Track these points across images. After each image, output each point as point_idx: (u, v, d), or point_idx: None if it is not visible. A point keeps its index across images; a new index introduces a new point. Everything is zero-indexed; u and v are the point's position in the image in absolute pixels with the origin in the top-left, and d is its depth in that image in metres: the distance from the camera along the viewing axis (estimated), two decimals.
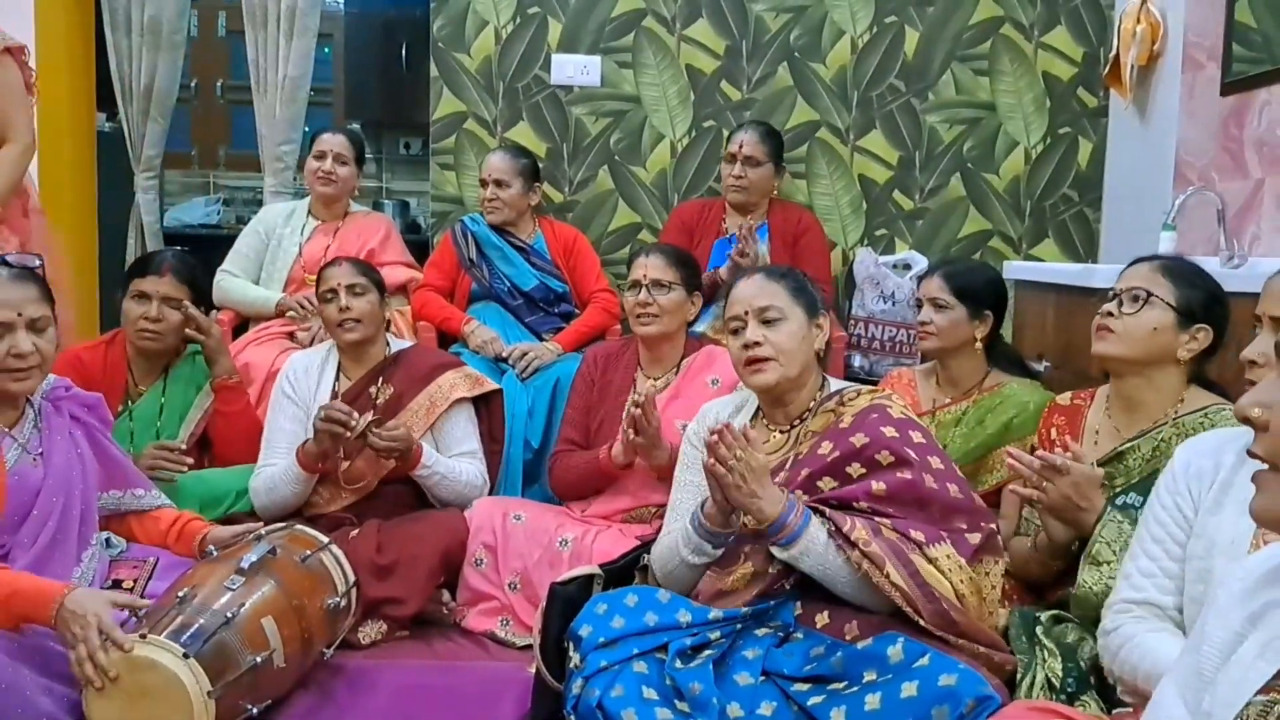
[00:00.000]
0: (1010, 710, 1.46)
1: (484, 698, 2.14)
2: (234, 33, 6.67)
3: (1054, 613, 1.82)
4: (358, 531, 2.44)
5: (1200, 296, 1.91)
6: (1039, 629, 1.75)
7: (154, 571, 2.09)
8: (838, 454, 1.82)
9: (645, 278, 2.59)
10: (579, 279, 3.40)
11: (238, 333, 3.29)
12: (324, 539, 2.14)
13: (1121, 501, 1.92)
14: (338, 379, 2.67)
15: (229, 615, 1.80)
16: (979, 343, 2.45)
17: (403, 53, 5.81)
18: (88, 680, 1.67)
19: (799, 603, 1.79)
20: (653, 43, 3.77)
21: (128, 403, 2.63)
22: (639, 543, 2.16)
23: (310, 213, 3.47)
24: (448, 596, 2.53)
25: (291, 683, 1.98)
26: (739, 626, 1.77)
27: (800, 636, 1.75)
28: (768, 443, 1.96)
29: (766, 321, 1.93)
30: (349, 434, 2.41)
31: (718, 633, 1.75)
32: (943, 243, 3.82)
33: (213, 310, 2.85)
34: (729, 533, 1.85)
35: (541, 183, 3.49)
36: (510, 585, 2.45)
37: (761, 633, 1.77)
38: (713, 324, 3.23)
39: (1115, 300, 1.96)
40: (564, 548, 2.43)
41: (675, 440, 2.28)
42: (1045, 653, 1.69)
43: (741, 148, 3.41)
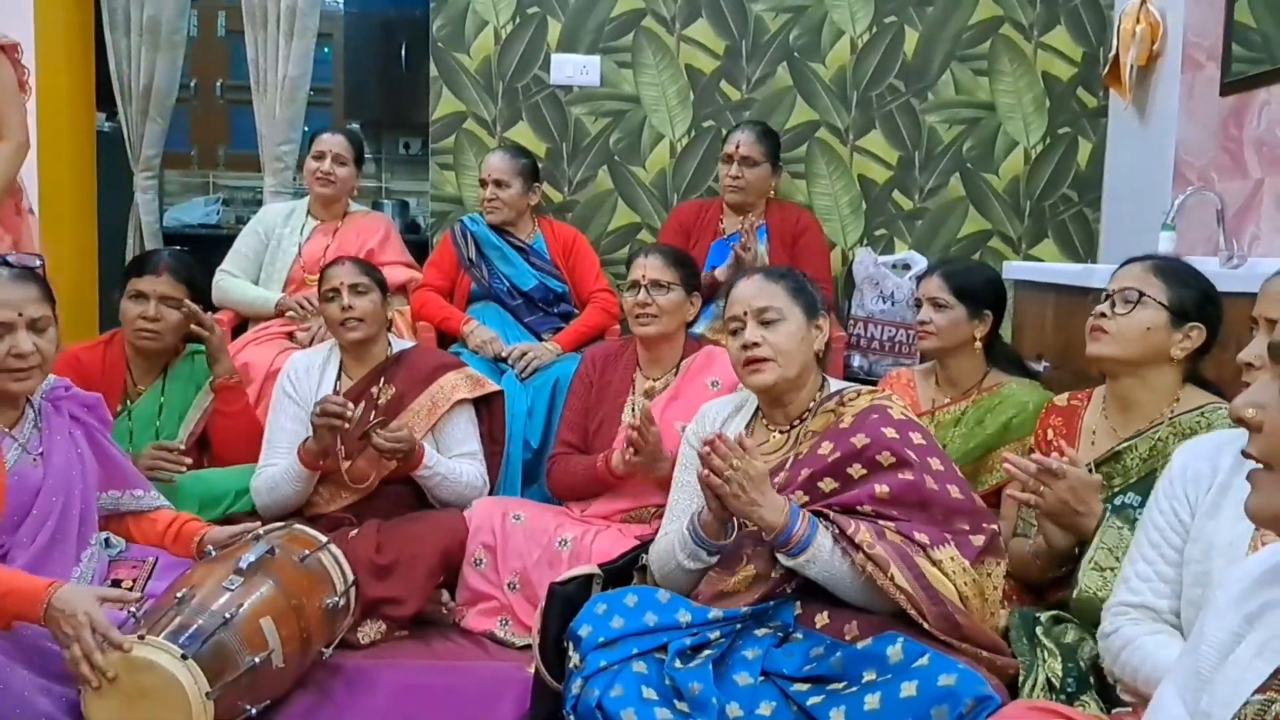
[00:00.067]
0: (1010, 710, 1.46)
1: (483, 698, 2.14)
2: (233, 33, 6.69)
3: (1054, 613, 1.82)
4: (357, 531, 2.44)
5: (1192, 295, 1.91)
6: (1039, 629, 1.75)
7: (153, 571, 2.10)
8: (838, 454, 1.81)
9: (644, 278, 2.58)
10: (578, 279, 3.40)
11: (237, 333, 3.28)
12: (323, 539, 2.14)
13: (1120, 502, 1.93)
14: (339, 378, 2.67)
15: (227, 616, 1.80)
16: (978, 342, 2.45)
17: (402, 53, 5.81)
18: (85, 680, 1.67)
19: (799, 603, 1.79)
20: (652, 43, 3.77)
21: (126, 403, 2.63)
22: (638, 542, 2.15)
23: (309, 213, 3.46)
24: (447, 596, 2.53)
25: (290, 683, 1.98)
26: (738, 627, 1.76)
27: (800, 637, 1.74)
28: (767, 443, 1.96)
29: (765, 322, 1.92)
30: (347, 426, 2.41)
31: (717, 633, 1.75)
32: (942, 243, 3.82)
33: (211, 310, 2.85)
34: (725, 543, 1.84)
35: (541, 183, 3.49)
36: (509, 585, 2.45)
37: (761, 633, 1.76)
38: (711, 324, 3.23)
39: (1108, 301, 1.97)
40: (563, 548, 2.43)
41: (675, 445, 2.27)
42: (1045, 653, 1.69)
43: (738, 148, 3.40)
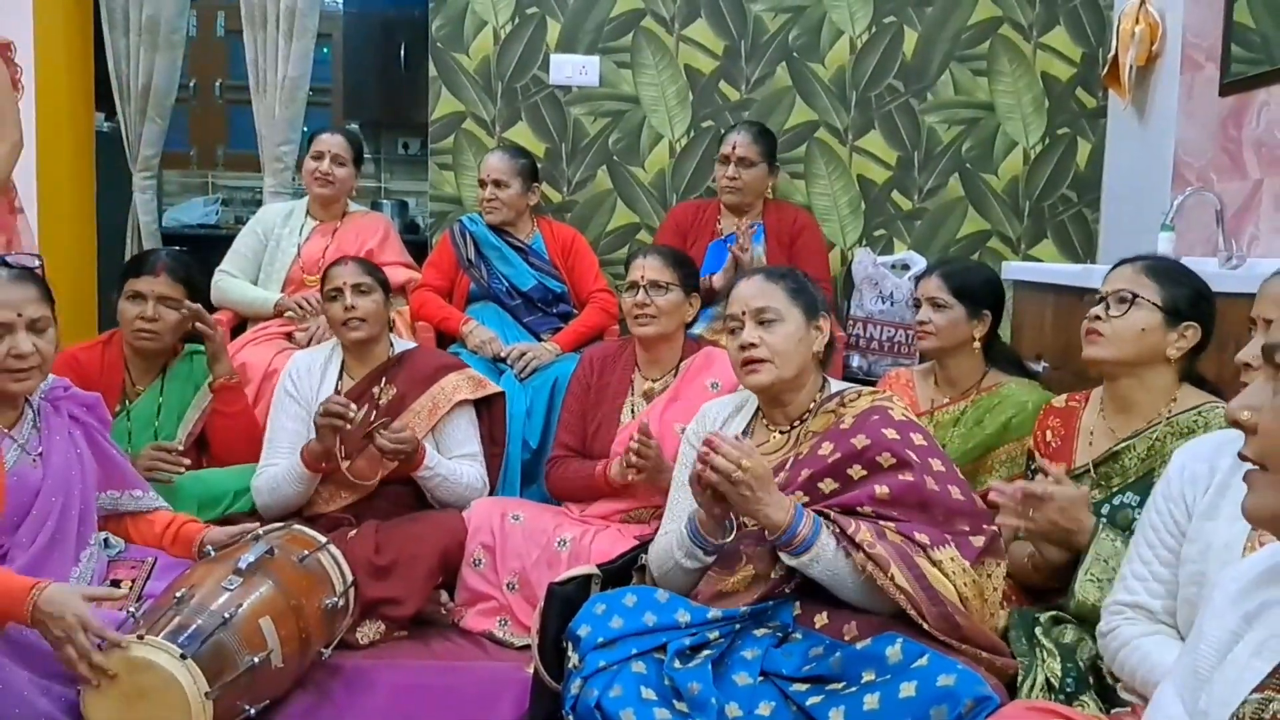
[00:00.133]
0: (1009, 710, 1.46)
1: (482, 698, 2.14)
2: (233, 33, 6.67)
3: (1053, 613, 1.82)
4: (356, 532, 2.44)
5: (1186, 294, 1.92)
6: (1038, 629, 1.75)
7: (152, 571, 2.10)
8: (838, 455, 1.81)
9: (643, 279, 2.58)
10: (577, 279, 3.40)
11: (236, 333, 3.28)
12: (322, 539, 2.14)
13: (1118, 501, 1.93)
14: (341, 378, 2.67)
15: (226, 616, 1.80)
16: (977, 342, 2.45)
17: (401, 53, 5.80)
18: (85, 680, 1.67)
19: (798, 603, 1.79)
20: (651, 43, 3.77)
21: (125, 403, 2.63)
22: (637, 543, 2.15)
23: (308, 213, 3.45)
24: (446, 597, 2.53)
25: (289, 683, 1.98)
26: (737, 627, 1.76)
27: (799, 637, 1.74)
28: (767, 443, 1.96)
29: (763, 322, 1.92)
30: (349, 426, 2.41)
31: (716, 633, 1.75)
32: (941, 243, 3.82)
33: (210, 311, 2.84)
34: (723, 542, 1.84)
35: (540, 183, 3.49)
36: (508, 585, 2.45)
37: (760, 633, 1.76)
38: (711, 325, 3.23)
39: (1102, 304, 1.97)
40: (562, 548, 2.43)
41: (674, 447, 2.27)
42: (1044, 653, 1.69)
43: (735, 149, 3.40)
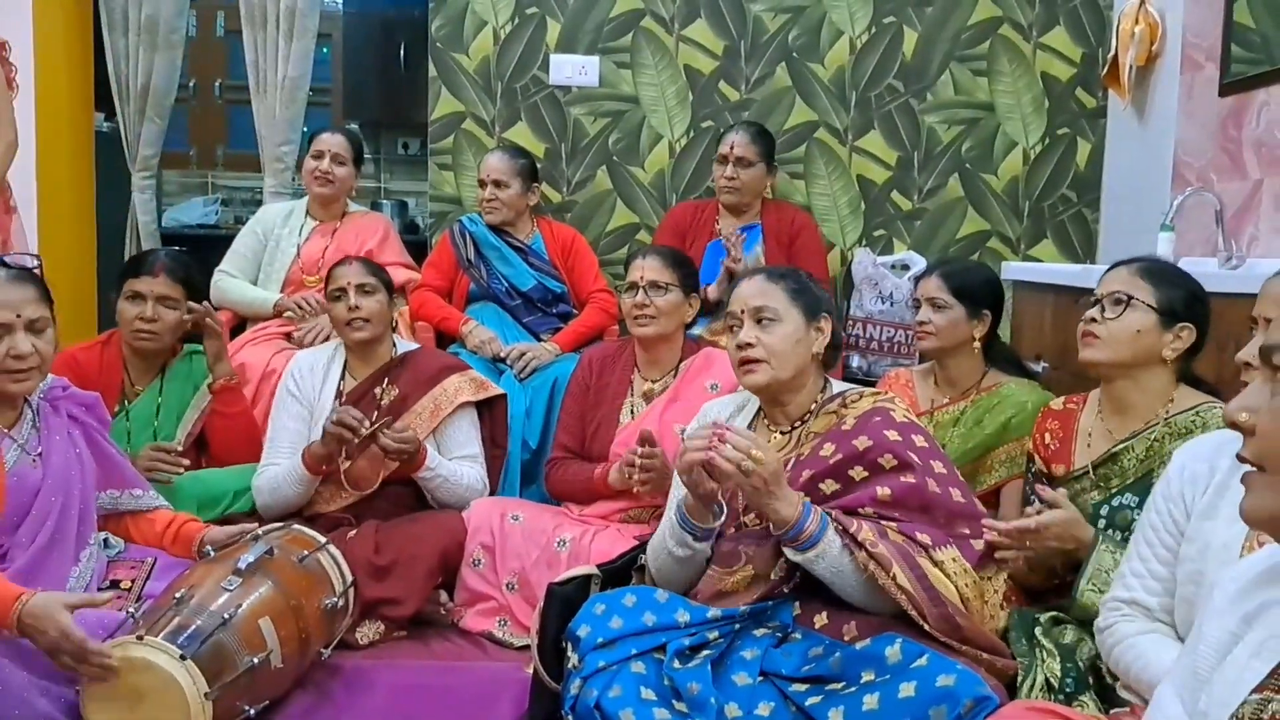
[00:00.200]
0: (1008, 710, 1.46)
1: (481, 698, 2.14)
2: (232, 33, 6.67)
3: (1053, 614, 1.82)
4: (355, 532, 2.45)
5: (1180, 295, 1.92)
6: (1038, 630, 1.75)
7: (152, 572, 2.10)
8: (840, 456, 1.81)
9: (642, 279, 2.58)
10: (577, 279, 3.40)
11: (235, 333, 3.28)
12: (321, 539, 2.14)
13: (1117, 503, 1.93)
14: (343, 378, 2.67)
15: (226, 616, 1.80)
16: (977, 342, 2.45)
17: (401, 53, 5.79)
18: (91, 676, 1.67)
19: (797, 603, 1.79)
20: (651, 43, 3.77)
21: (124, 403, 2.62)
22: (637, 543, 2.14)
23: (308, 213, 3.45)
24: (445, 597, 2.53)
25: (289, 683, 1.98)
26: (737, 627, 1.76)
27: (799, 637, 1.74)
28: (769, 444, 1.96)
29: (761, 322, 1.92)
30: (356, 439, 2.41)
31: (716, 633, 1.75)
32: (941, 243, 3.82)
33: None
34: (712, 527, 1.85)
35: (540, 183, 3.49)
36: (508, 585, 2.45)
37: (760, 633, 1.76)
38: (710, 325, 3.23)
39: (1097, 306, 1.98)
40: (562, 548, 2.43)
41: (674, 448, 2.26)
42: (1044, 653, 1.69)
43: (733, 149, 3.39)
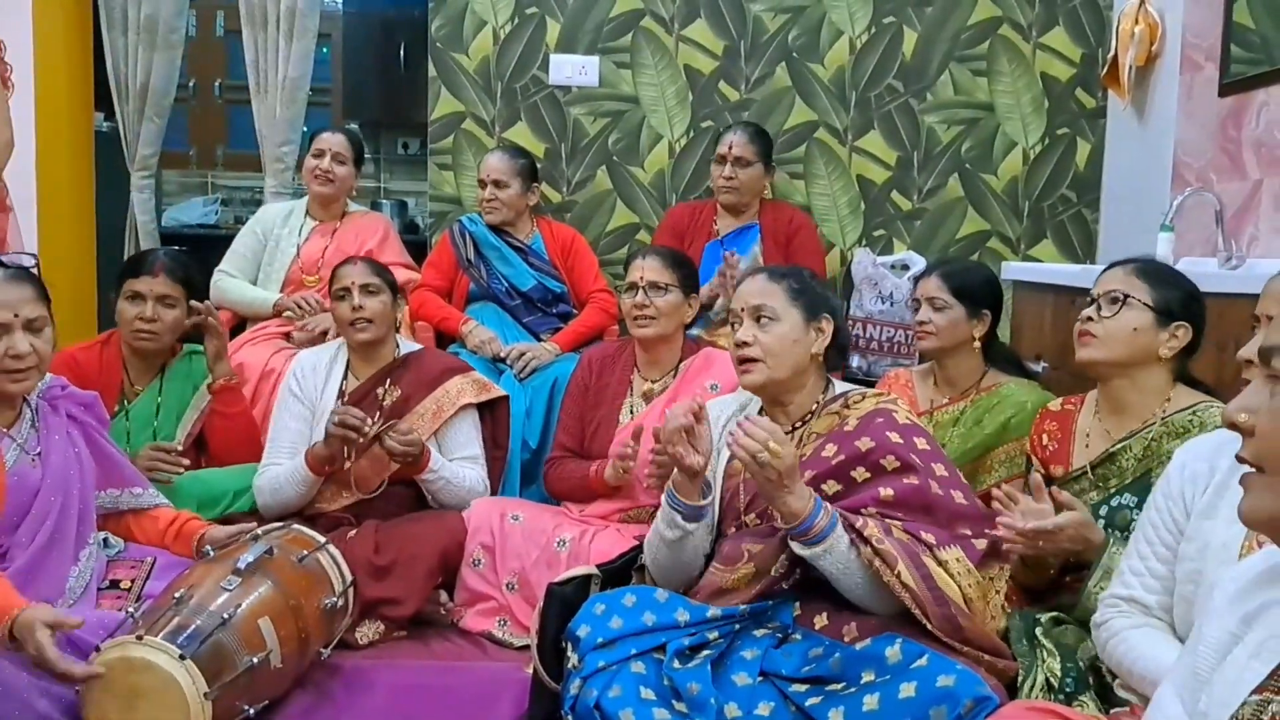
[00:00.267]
0: (1008, 710, 1.46)
1: (481, 698, 2.14)
2: (232, 32, 6.67)
3: (1054, 614, 1.82)
4: (355, 532, 2.45)
5: (1176, 295, 1.93)
6: (1038, 630, 1.75)
7: (151, 571, 2.10)
8: (842, 457, 1.81)
9: (642, 280, 2.58)
10: (577, 279, 3.40)
11: (234, 333, 3.28)
12: (321, 539, 2.14)
13: (1116, 503, 1.93)
14: (345, 378, 2.67)
15: (225, 616, 1.80)
16: (977, 342, 2.45)
17: (401, 53, 5.80)
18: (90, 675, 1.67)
19: (798, 604, 1.79)
20: (651, 43, 3.77)
21: (124, 403, 2.62)
22: (636, 543, 2.14)
23: (308, 213, 3.45)
24: (445, 597, 2.53)
25: (288, 683, 1.98)
26: (737, 627, 1.76)
27: (799, 638, 1.74)
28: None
29: (759, 320, 1.92)
30: (360, 439, 2.41)
31: (716, 633, 1.75)
32: (941, 243, 3.82)
33: None
34: (699, 505, 1.86)
35: (540, 183, 3.49)
36: (508, 585, 2.45)
37: (760, 633, 1.76)
38: (709, 325, 3.23)
39: (1094, 305, 1.98)
40: (561, 548, 2.42)
41: None
42: (1044, 653, 1.69)
43: (731, 148, 3.39)
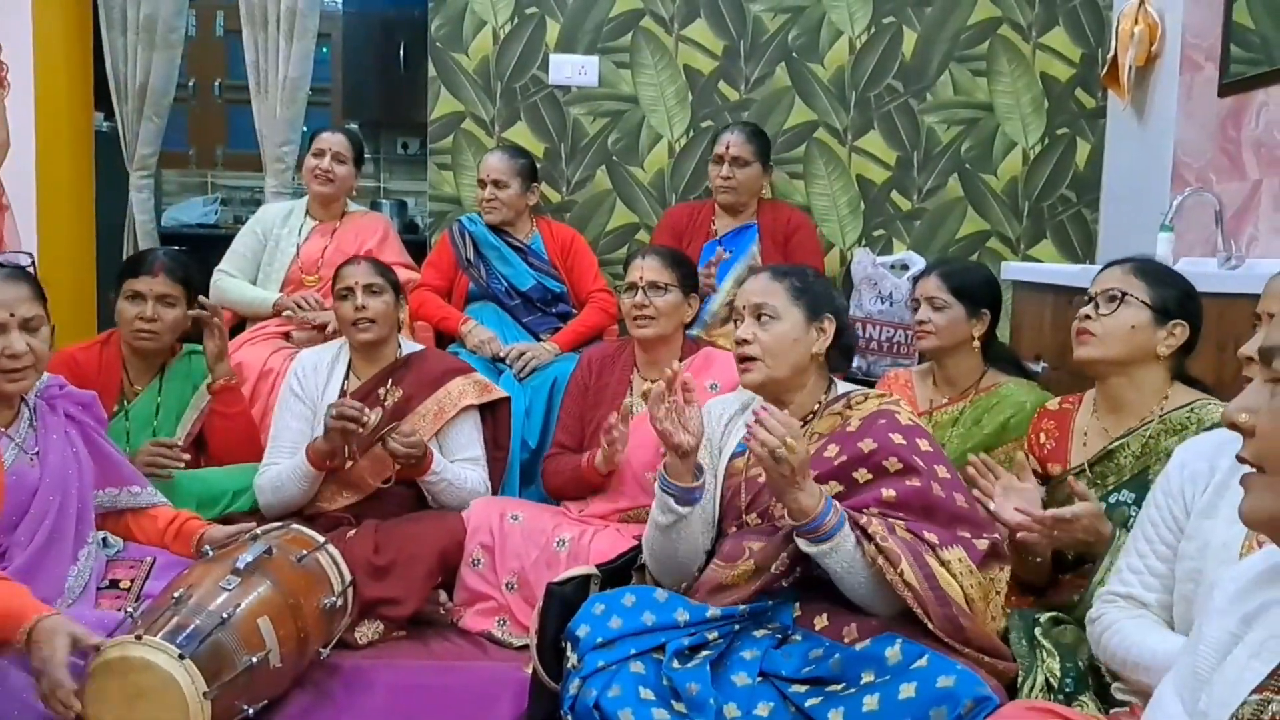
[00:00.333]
0: (1007, 710, 1.46)
1: (481, 698, 2.14)
2: (232, 32, 6.68)
3: (1053, 614, 1.83)
4: (355, 531, 2.44)
5: (1174, 293, 1.95)
6: (1038, 630, 1.75)
7: (151, 571, 2.10)
8: (844, 458, 1.81)
9: (641, 279, 2.58)
10: (576, 279, 3.40)
11: (234, 333, 3.28)
12: (320, 539, 2.14)
13: (1114, 500, 1.94)
14: (347, 378, 2.67)
15: (225, 616, 1.79)
16: (976, 342, 2.45)
17: (400, 52, 5.80)
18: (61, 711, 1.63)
19: (798, 604, 1.79)
20: (650, 43, 3.77)
21: (124, 403, 2.62)
22: (636, 542, 2.14)
23: (308, 213, 3.45)
24: (445, 597, 2.53)
25: (288, 683, 1.98)
26: (736, 627, 1.76)
27: (798, 638, 1.74)
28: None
29: (760, 319, 1.92)
30: (361, 430, 2.40)
31: (715, 633, 1.75)
32: (940, 243, 3.82)
33: None
34: (692, 487, 1.87)
35: (539, 183, 3.49)
36: (507, 585, 2.45)
37: (759, 634, 1.76)
38: (708, 326, 3.23)
39: (1092, 304, 1.99)
40: (561, 548, 2.42)
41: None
42: (1044, 653, 1.69)
43: (728, 148, 3.38)
